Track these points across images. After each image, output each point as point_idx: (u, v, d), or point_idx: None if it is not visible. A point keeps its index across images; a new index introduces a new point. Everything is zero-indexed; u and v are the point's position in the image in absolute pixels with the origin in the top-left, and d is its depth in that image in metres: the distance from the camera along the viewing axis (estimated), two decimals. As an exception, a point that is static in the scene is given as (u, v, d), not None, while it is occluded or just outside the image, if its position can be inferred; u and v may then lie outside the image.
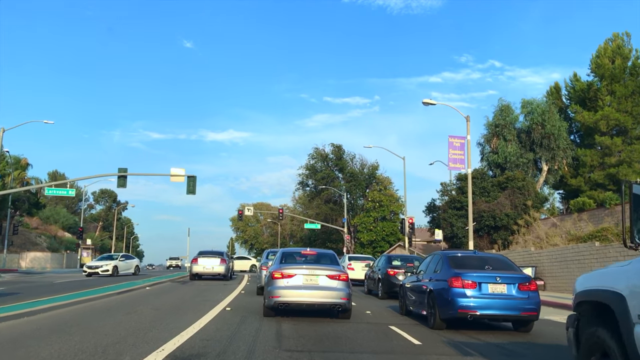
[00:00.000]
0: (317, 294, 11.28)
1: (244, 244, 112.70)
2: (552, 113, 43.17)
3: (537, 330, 10.99)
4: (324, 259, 12.76)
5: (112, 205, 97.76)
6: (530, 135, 43.80)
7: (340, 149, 66.07)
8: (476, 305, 10.09)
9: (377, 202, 62.38)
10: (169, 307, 13.67)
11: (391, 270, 18.25)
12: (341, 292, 11.39)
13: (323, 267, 11.70)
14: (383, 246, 60.18)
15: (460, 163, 30.55)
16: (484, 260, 11.21)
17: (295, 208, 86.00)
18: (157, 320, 10.93)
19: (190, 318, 11.30)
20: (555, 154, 43.12)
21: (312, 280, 11.42)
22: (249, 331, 9.78)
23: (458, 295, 10.20)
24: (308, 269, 11.51)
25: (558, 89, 48.98)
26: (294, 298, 11.25)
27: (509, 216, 35.62)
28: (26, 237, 64.99)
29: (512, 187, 37.10)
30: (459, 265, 10.86)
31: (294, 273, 11.43)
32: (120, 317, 11.26)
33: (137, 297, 16.48)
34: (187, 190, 38.71)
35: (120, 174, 38.96)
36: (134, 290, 19.22)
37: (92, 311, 12.50)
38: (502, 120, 44.20)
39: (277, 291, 11.30)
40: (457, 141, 30.65)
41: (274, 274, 11.52)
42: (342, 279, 11.55)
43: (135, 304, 14.17)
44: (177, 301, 15.40)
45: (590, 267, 22.82)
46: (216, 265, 28.88)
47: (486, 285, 10.26)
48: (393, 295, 18.66)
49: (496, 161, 43.50)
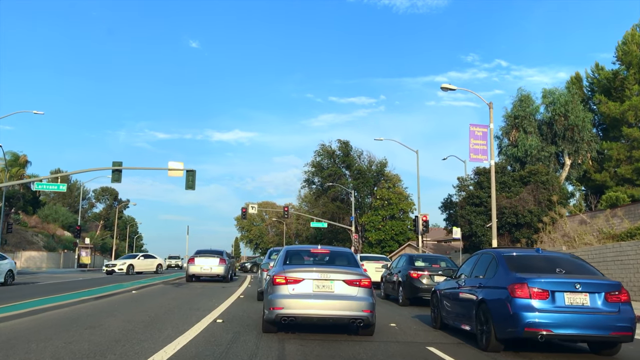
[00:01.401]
0: (331, 304, 8.65)
1: (249, 244, 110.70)
2: (575, 103, 40.34)
3: (623, 354, 8.32)
4: (339, 259, 10.10)
5: (113, 203, 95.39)
6: (552, 127, 40.98)
7: (348, 145, 63.46)
8: (550, 322, 7.43)
9: (386, 200, 59.86)
10: (146, 318, 11.08)
11: (414, 273, 15.57)
12: (363, 302, 8.75)
13: (339, 270, 9.05)
14: (392, 246, 57.68)
15: (482, 154, 27.79)
16: (551, 261, 8.54)
17: (301, 207, 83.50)
18: (120, 340, 8.33)
19: (166, 335, 8.71)
20: (579, 147, 40.29)
21: (325, 286, 8.79)
22: (241, 356, 7.20)
23: (524, 308, 7.54)
24: (320, 272, 8.87)
25: (579, 79, 46.17)
26: (302, 310, 8.62)
27: (533, 213, 32.87)
28: (22, 235, 62.73)
29: (535, 182, 34.30)
30: (520, 268, 8.21)
31: (301, 277, 8.80)
32: (75, 335, 8.67)
33: (113, 304, 13.89)
34: (186, 185, 36.38)
35: (115, 167, 36.66)
36: (115, 295, 16.64)
37: (46, 324, 9.91)
38: (522, 111, 41.37)
39: (280, 301, 8.67)
40: (479, 130, 27.93)
41: (275, 278, 8.88)
42: (363, 285, 8.91)
43: (106, 314, 11.57)
44: (159, 310, 12.79)
45: (637, 269, 20.08)
46: (215, 265, 26.32)
47: (561, 295, 7.59)
48: (415, 302, 16.06)
49: (516, 155, 40.69)
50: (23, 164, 65.70)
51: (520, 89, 42.73)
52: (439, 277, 15.52)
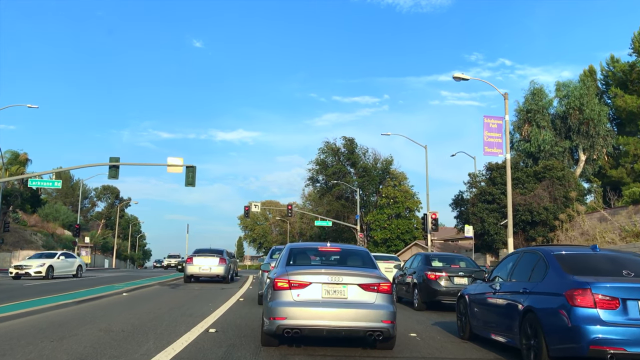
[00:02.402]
0: (344, 313, 7.14)
1: (252, 243, 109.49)
2: (590, 96, 38.74)
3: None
4: (353, 259, 8.57)
5: (115, 201, 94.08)
6: (566, 121, 39.39)
7: (353, 142, 61.96)
8: (621, 339, 5.91)
9: (392, 199, 58.38)
10: (128, 327, 9.60)
11: (431, 274, 14.04)
12: (382, 311, 7.25)
13: (353, 272, 7.53)
14: (398, 245, 56.21)
15: (497, 147, 26.26)
16: (615, 261, 7.01)
17: (305, 205, 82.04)
18: (86, 357, 6.84)
19: (145, 351, 7.23)
20: (595, 141, 38.70)
21: (336, 292, 7.28)
22: (233, 381, 5.71)
23: (587, 319, 6.02)
24: (330, 275, 7.37)
25: (592, 72, 44.50)
26: (309, 321, 7.11)
27: (548, 210, 31.29)
28: (20, 234, 61.38)
29: (550, 178, 32.70)
30: (577, 270, 6.68)
31: (308, 281, 7.30)
32: (34, 350, 7.19)
33: (96, 309, 12.40)
34: (185, 182, 35.08)
35: (112, 163, 35.34)
36: (103, 298, 15.16)
37: (5, 336, 8.43)
38: (534, 105, 39.78)
39: (282, 309, 7.16)
40: (493, 122, 26.40)
41: (277, 282, 7.38)
42: (383, 290, 7.40)
43: (83, 322, 10.10)
44: (146, 316, 11.31)
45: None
46: (214, 265, 24.83)
47: (635, 305, 6.07)
48: (432, 306, 14.55)
49: (528, 150, 39.12)
50: (23, 162, 64.49)
51: (533, 82, 41.16)
52: (460, 279, 14.02)
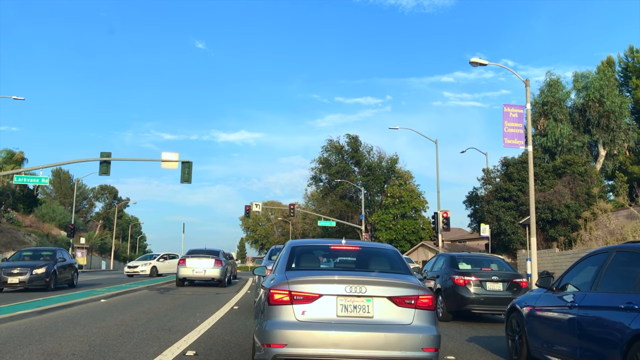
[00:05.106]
0: (369, 339, 4.95)
1: (254, 244, 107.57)
2: (611, 88, 36.50)
3: None
4: (377, 261, 6.26)
5: (113, 201, 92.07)
6: (584, 114, 37.16)
7: (357, 140, 59.83)
8: None
9: (397, 198, 56.30)
10: (84, 348, 7.43)
11: (459, 278, 11.85)
12: (423, 334, 5.06)
13: (380, 279, 5.32)
14: (404, 246, 54.15)
15: (518, 138, 24.14)
16: None
17: (308, 205, 79.97)
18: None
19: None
20: (615, 135, 36.46)
21: (357, 307, 5.10)
22: None
23: None
24: (348, 283, 5.16)
25: (611, 63, 42.30)
26: (318, 349, 4.92)
27: (570, 208, 29.07)
28: (13, 235, 59.32)
29: (571, 173, 30.48)
30: None
31: (316, 292, 5.10)
32: None
33: (57, 321, 10.24)
34: (181, 178, 33.11)
35: (103, 159, 33.31)
36: (73, 306, 12.98)
37: None
38: (551, 97, 37.56)
39: (281, 333, 4.97)
40: (514, 111, 24.26)
41: (273, 294, 5.18)
42: (422, 306, 5.20)
43: (28, 340, 7.93)
44: (114, 332, 9.14)
45: None
46: (209, 267, 22.70)
47: None
48: (459, 316, 12.40)
49: (545, 145, 36.90)
50: (19, 161, 62.61)
51: (549, 73, 38.97)
52: (493, 284, 11.85)
